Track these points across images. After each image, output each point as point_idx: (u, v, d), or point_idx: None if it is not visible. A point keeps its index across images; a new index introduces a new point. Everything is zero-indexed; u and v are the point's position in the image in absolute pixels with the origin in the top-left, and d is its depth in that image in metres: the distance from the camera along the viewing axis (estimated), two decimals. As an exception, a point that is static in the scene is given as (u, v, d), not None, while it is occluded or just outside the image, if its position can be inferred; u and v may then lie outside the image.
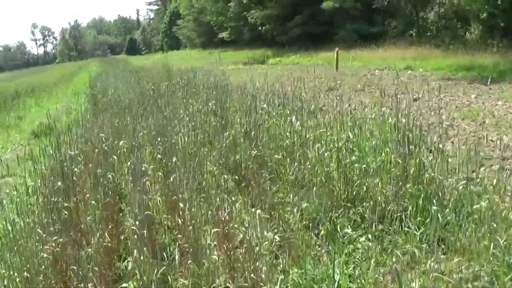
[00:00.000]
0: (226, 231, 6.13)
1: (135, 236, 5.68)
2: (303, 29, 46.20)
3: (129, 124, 11.25)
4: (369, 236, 6.06)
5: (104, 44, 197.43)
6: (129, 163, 7.89)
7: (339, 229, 6.47)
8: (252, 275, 5.20)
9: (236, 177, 8.58)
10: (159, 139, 9.39)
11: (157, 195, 7.38)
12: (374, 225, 6.27)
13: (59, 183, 7.00)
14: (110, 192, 6.95)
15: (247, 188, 7.86)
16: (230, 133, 9.55)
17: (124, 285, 5.47)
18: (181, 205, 6.07)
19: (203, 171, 7.98)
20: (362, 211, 6.82)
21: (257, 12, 51.09)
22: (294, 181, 7.53)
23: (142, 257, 5.36)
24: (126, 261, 5.77)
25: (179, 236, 6.05)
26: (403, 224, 6.34)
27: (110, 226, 6.47)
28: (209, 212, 6.44)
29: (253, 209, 7.41)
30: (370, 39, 37.55)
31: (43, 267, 5.48)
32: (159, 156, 8.60)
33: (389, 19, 39.98)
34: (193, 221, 5.87)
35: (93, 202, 6.46)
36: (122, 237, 6.52)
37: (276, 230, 6.52)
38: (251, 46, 57.37)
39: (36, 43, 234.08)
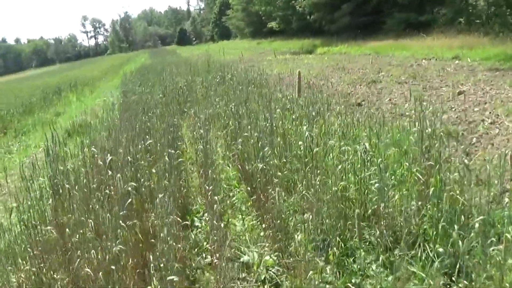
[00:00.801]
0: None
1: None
2: (351, 18, 45.18)
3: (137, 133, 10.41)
4: (382, 262, 5.44)
5: (155, 35, 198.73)
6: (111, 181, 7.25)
7: (349, 254, 5.86)
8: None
9: (249, 188, 8.03)
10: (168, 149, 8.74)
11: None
12: (388, 249, 5.65)
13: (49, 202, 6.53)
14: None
15: (258, 201, 7.29)
16: (242, 140, 8.84)
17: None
18: (161, 234, 5.41)
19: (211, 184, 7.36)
20: (377, 232, 6.12)
21: (305, 0, 50.33)
22: (303, 198, 6.86)
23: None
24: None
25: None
26: (421, 249, 5.63)
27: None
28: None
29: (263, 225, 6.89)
30: (419, 27, 36.49)
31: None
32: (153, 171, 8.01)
33: (438, 7, 38.81)
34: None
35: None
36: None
37: (279, 252, 5.98)
38: (300, 36, 56.83)
39: (87, 35, 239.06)
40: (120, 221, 5.62)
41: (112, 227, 5.50)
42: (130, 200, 6.21)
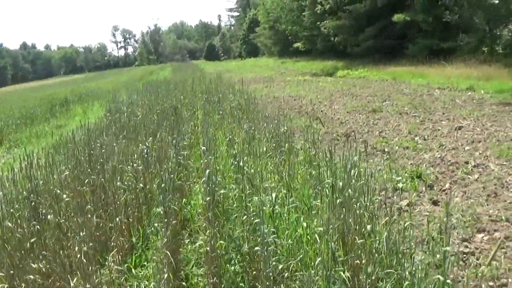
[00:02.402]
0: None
1: None
2: (374, 41, 44.49)
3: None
4: None
5: (184, 49, 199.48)
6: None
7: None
8: None
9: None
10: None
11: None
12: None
13: None
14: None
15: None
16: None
17: None
18: None
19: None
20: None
21: (330, 22, 49.72)
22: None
23: None
24: None
25: None
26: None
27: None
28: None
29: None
30: (442, 54, 35.54)
31: None
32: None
33: (462, 34, 37.80)
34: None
35: None
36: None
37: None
38: (324, 57, 56.53)
39: (117, 45, 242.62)
40: None
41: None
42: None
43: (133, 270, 6.54)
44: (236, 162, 7.90)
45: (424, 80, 29.26)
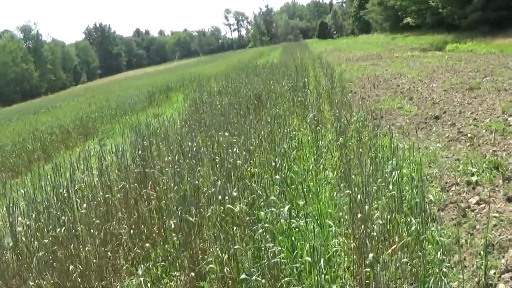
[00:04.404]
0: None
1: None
2: (482, 13, 43.10)
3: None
4: None
5: (296, 29, 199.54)
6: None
7: None
8: None
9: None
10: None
11: None
12: None
13: None
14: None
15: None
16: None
17: None
18: None
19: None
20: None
21: (437, -6, 48.62)
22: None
23: None
24: None
25: None
26: None
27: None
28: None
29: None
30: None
31: None
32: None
33: None
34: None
35: None
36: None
37: None
38: (433, 31, 55.42)
39: (230, 28, 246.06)
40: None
41: None
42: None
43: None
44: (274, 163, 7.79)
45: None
